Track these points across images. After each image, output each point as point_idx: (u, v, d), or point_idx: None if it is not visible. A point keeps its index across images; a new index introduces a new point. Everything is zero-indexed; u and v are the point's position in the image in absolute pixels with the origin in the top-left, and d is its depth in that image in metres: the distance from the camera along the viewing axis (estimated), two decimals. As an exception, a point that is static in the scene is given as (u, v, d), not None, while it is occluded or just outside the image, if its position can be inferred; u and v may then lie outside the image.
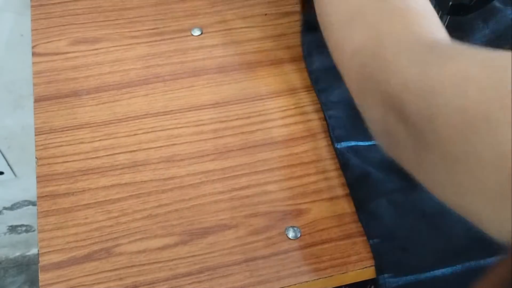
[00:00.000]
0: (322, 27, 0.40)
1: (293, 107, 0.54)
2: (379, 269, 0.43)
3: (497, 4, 0.58)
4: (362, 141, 0.50)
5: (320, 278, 0.43)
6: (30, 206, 1.11)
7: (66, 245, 0.44)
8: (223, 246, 0.44)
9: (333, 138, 0.50)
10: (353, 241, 0.45)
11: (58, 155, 0.49)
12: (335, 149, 0.50)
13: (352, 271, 0.43)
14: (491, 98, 0.24)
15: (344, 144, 0.50)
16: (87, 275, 0.42)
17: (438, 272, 0.42)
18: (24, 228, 1.19)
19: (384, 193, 0.46)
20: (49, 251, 0.43)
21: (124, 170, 0.48)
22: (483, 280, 0.29)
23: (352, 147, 0.50)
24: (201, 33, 0.60)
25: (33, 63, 0.56)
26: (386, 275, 0.42)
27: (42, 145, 0.50)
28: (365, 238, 0.45)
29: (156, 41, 0.59)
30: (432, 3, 0.53)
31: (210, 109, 0.53)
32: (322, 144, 0.51)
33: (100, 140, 0.50)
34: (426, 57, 0.29)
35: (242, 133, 0.52)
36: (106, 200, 0.46)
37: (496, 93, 0.24)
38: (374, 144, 0.50)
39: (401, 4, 0.34)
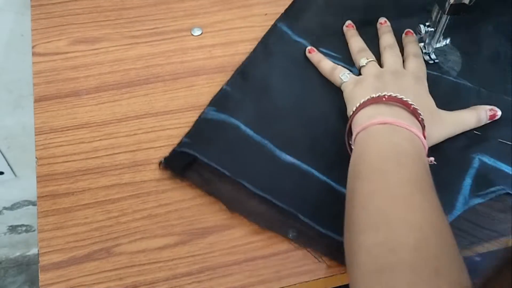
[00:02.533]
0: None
1: (293, 107, 0.54)
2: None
3: None
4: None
5: (320, 278, 0.43)
6: (30, 206, 1.11)
7: (66, 245, 0.44)
8: (223, 246, 0.44)
9: None
10: (353, 241, 0.44)
11: (58, 155, 0.49)
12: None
13: (352, 271, 0.43)
14: None
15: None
16: (87, 275, 0.42)
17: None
18: (24, 228, 1.19)
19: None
20: (49, 251, 0.43)
21: (124, 170, 0.48)
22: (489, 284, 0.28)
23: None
24: (201, 33, 0.60)
25: (33, 63, 0.56)
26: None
27: (42, 145, 0.50)
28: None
29: (156, 40, 0.59)
30: (432, 3, 0.54)
31: (210, 109, 0.53)
32: (322, 144, 0.51)
33: (100, 140, 0.50)
34: None
35: (242, 133, 0.52)
36: (106, 200, 0.46)
37: None
38: None
39: None
